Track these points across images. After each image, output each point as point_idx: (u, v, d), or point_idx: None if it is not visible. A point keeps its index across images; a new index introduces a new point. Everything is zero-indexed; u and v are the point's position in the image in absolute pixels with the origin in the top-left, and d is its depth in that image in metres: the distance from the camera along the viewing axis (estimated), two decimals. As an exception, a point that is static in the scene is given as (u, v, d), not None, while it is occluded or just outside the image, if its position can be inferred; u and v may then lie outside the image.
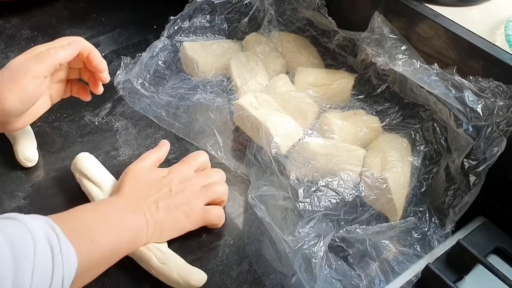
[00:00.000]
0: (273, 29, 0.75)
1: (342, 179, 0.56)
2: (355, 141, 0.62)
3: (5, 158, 0.61)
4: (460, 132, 0.54)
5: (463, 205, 0.54)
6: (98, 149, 0.63)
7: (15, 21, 0.84)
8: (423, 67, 0.57)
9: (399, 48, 0.60)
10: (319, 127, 0.63)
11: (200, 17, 0.76)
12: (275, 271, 0.53)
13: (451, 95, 0.53)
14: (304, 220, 0.53)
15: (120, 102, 0.70)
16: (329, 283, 0.50)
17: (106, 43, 0.80)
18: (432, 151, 0.60)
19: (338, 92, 0.69)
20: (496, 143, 0.51)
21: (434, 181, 0.59)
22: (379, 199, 0.56)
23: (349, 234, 0.54)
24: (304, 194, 0.55)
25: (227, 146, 0.65)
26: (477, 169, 0.52)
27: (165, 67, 0.73)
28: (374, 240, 0.54)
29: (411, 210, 0.57)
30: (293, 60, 0.74)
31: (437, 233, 0.55)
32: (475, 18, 0.60)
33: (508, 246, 0.54)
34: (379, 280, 0.51)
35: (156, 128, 0.67)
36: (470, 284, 0.51)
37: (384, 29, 0.62)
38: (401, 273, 0.52)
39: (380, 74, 0.67)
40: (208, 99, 0.67)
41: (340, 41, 0.72)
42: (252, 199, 0.57)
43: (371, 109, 0.67)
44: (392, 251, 0.54)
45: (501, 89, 0.52)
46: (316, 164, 0.58)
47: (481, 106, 0.52)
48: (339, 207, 0.55)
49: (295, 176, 0.57)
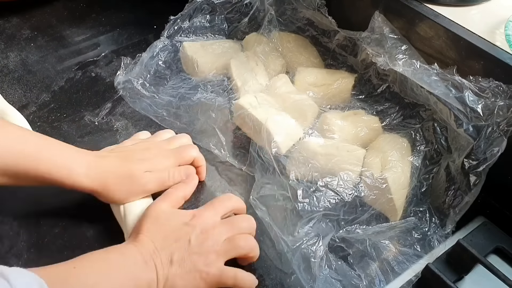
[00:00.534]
0: (273, 29, 0.75)
1: (341, 179, 0.56)
2: (355, 141, 0.62)
3: (5, 158, 0.61)
4: (461, 132, 0.54)
5: (464, 205, 0.54)
6: (98, 149, 0.63)
7: (15, 21, 0.84)
8: (423, 67, 0.57)
9: (400, 48, 0.60)
10: (319, 127, 0.63)
11: (200, 17, 0.76)
12: (275, 271, 0.53)
13: (451, 95, 0.53)
14: (303, 220, 0.53)
15: (120, 102, 0.70)
16: (329, 283, 0.50)
17: (106, 43, 0.80)
18: (433, 151, 0.60)
19: (338, 92, 0.69)
20: (496, 143, 0.51)
21: (434, 181, 0.59)
22: (379, 199, 0.56)
23: (349, 234, 0.54)
24: (303, 194, 0.54)
25: (230, 145, 0.65)
26: (477, 169, 0.52)
27: (165, 67, 0.73)
28: (374, 240, 0.54)
29: (412, 210, 0.57)
30: (293, 60, 0.74)
31: (437, 233, 0.55)
32: (475, 18, 0.60)
33: (508, 246, 0.54)
34: (379, 280, 0.51)
35: (156, 128, 0.67)
36: (470, 284, 0.51)
37: (385, 29, 0.62)
38: (401, 273, 0.52)
39: (380, 74, 0.67)
40: (209, 99, 0.67)
41: (340, 41, 0.72)
42: (254, 200, 0.57)
43: (372, 109, 0.67)
44: (392, 251, 0.54)
45: (501, 89, 0.52)
46: (316, 164, 0.58)
47: (481, 106, 0.52)
48: (338, 207, 0.55)
49: (294, 176, 0.57)
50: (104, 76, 0.74)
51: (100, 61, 0.77)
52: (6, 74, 0.74)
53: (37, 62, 0.76)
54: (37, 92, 0.71)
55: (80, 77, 0.74)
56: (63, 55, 0.78)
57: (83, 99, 0.70)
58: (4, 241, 0.53)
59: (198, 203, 0.58)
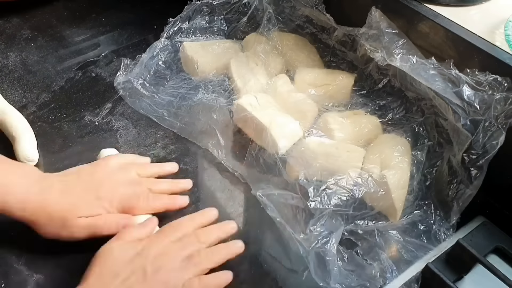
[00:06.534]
0: (272, 27, 0.75)
1: (350, 177, 0.56)
2: (355, 141, 0.62)
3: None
4: (459, 126, 0.54)
5: (466, 197, 0.54)
6: (98, 149, 0.63)
7: (15, 21, 0.84)
8: (420, 62, 0.57)
9: (397, 43, 0.60)
10: (319, 127, 0.63)
11: (199, 18, 0.76)
12: (275, 270, 0.53)
13: (448, 89, 0.53)
14: (314, 218, 0.53)
15: (120, 102, 0.70)
16: (343, 275, 0.50)
17: (106, 43, 0.81)
18: (435, 145, 0.60)
19: (338, 92, 0.69)
20: (495, 137, 0.51)
21: (438, 174, 0.59)
22: (378, 199, 0.56)
23: (358, 228, 0.54)
24: (314, 192, 0.54)
25: (228, 147, 0.65)
26: (477, 163, 0.52)
27: (165, 67, 0.74)
28: (382, 231, 0.55)
29: (417, 204, 0.57)
30: (293, 58, 0.74)
31: (442, 226, 0.55)
32: (475, 18, 0.60)
33: (507, 245, 0.54)
34: (391, 269, 0.52)
35: (156, 128, 0.67)
36: (470, 284, 0.51)
37: (382, 24, 0.62)
38: (412, 260, 0.52)
39: (381, 69, 0.67)
40: (210, 99, 0.67)
41: (339, 37, 0.72)
42: (261, 197, 0.57)
43: (374, 104, 0.67)
44: (401, 241, 0.54)
45: (498, 81, 0.51)
46: (316, 164, 0.58)
47: (478, 100, 0.52)
48: (349, 204, 0.55)
49: (303, 175, 0.57)
50: (104, 76, 0.74)
51: (100, 61, 0.77)
52: (6, 74, 0.74)
53: (37, 62, 0.76)
54: (37, 92, 0.71)
55: (80, 77, 0.74)
56: (63, 55, 0.78)
57: (83, 99, 0.71)
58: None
59: (198, 203, 0.58)
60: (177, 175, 0.60)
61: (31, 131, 0.63)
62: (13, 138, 0.61)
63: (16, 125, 0.62)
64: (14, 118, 0.63)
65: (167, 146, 0.65)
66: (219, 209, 0.55)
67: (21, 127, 0.62)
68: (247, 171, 0.61)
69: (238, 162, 0.63)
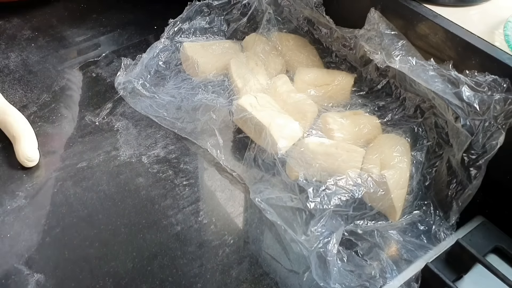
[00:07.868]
0: (272, 28, 0.75)
1: (350, 177, 0.56)
2: (355, 141, 0.62)
3: (6, 158, 0.62)
4: (459, 127, 0.54)
5: (466, 197, 0.54)
6: (98, 149, 0.63)
7: (15, 22, 0.84)
8: (419, 63, 0.57)
9: (396, 44, 0.60)
10: (319, 127, 0.63)
11: (199, 19, 0.76)
12: (275, 270, 0.53)
13: (447, 90, 0.53)
14: (315, 219, 0.53)
15: (121, 102, 0.70)
16: (343, 275, 0.50)
17: (106, 43, 0.81)
18: (435, 145, 0.60)
19: (338, 92, 0.69)
20: (494, 137, 0.51)
21: (437, 174, 0.59)
22: (378, 199, 0.56)
23: (357, 228, 0.54)
24: (314, 193, 0.55)
25: (227, 147, 0.65)
26: (477, 163, 0.52)
27: (165, 67, 0.74)
28: (381, 231, 0.55)
29: (417, 204, 0.57)
30: (293, 58, 0.74)
31: (442, 226, 0.55)
32: (474, 18, 0.60)
33: (507, 245, 0.54)
34: (391, 269, 0.52)
35: (157, 128, 0.67)
36: (469, 284, 0.51)
37: (381, 26, 0.62)
38: (412, 260, 0.52)
39: (380, 69, 0.68)
40: (210, 99, 0.67)
41: (339, 38, 0.72)
42: (260, 202, 0.57)
43: (373, 104, 0.67)
44: (401, 241, 0.54)
45: (497, 82, 0.52)
46: (315, 164, 0.58)
47: (478, 100, 0.52)
48: (348, 204, 0.55)
49: (302, 176, 0.57)
50: (105, 76, 0.75)
51: (101, 61, 0.77)
52: (7, 74, 0.74)
53: (38, 63, 0.77)
54: (38, 92, 0.71)
55: (81, 78, 0.74)
56: (64, 56, 0.78)
57: (83, 99, 0.71)
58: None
59: (198, 203, 0.59)
60: (177, 175, 0.60)
61: (32, 131, 0.63)
62: (13, 138, 0.62)
63: (16, 125, 0.62)
64: (15, 118, 0.63)
65: (167, 146, 0.65)
66: (219, 209, 0.55)
67: (22, 127, 0.62)
68: (246, 172, 0.61)
69: (237, 162, 0.63)
